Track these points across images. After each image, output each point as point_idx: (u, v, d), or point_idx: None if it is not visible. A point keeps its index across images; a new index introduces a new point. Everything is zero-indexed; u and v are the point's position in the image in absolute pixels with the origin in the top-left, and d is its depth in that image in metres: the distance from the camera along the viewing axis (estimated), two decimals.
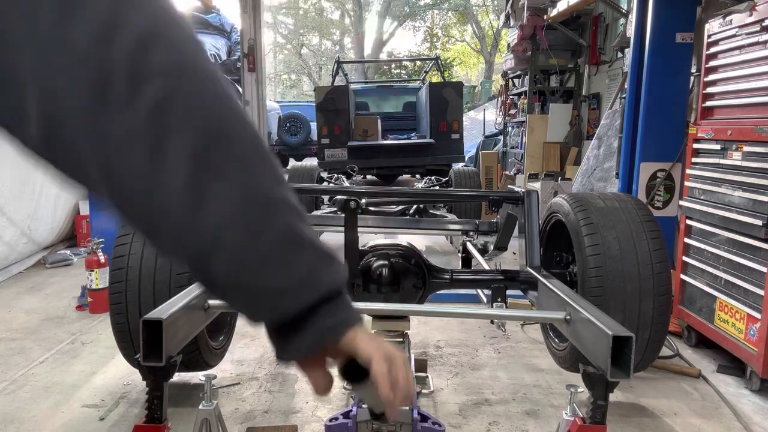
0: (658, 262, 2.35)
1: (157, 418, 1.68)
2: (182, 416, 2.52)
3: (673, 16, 3.88)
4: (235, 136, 0.62)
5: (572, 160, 8.50)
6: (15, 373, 3.01)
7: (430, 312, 2.63)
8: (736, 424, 2.60)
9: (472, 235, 3.97)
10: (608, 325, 1.62)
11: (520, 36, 9.05)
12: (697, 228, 3.40)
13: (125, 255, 2.30)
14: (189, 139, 0.58)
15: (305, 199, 5.84)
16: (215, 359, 2.64)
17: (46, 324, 3.77)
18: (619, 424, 2.55)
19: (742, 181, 3.01)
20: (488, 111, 14.45)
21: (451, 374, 3.05)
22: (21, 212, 5.08)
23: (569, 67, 9.35)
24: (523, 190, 3.00)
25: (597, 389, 1.62)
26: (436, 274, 2.60)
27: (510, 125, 11.30)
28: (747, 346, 2.90)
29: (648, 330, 2.32)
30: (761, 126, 2.88)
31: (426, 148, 9.11)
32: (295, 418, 2.57)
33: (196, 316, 1.97)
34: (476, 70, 32.46)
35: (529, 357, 3.30)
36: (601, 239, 2.39)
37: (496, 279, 2.63)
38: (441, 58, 12.37)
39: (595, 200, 2.57)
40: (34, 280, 4.88)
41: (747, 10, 3.05)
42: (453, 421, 2.55)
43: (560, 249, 2.90)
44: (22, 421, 2.53)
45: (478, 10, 29.45)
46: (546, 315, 2.23)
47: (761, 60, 2.95)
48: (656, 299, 2.31)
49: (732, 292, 3.05)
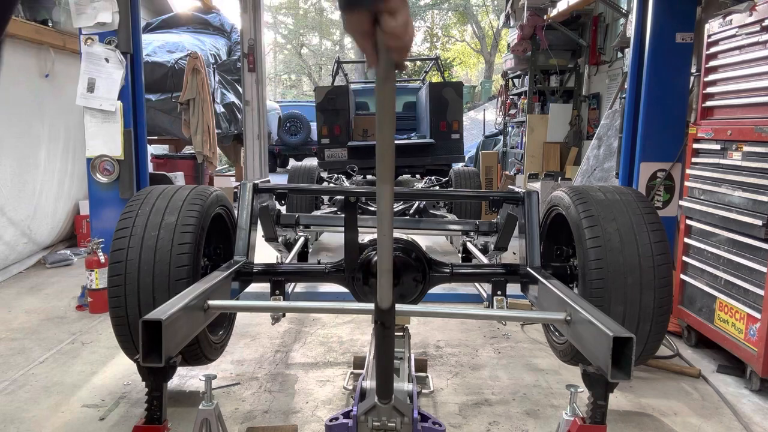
0: (659, 254, 2.33)
1: (156, 418, 1.68)
2: (182, 416, 2.52)
3: (673, 16, 3.87)
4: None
5: (572, 160, 8.51)
6: (15, 373, 3.01)
7: (430, 312, 2.63)
8: (736, 424, 2.60)
9: (472, 235, 3.97)
10: (609, 325, 1.62)
11: (520, 36, 9.05)
12: (697, 228, 3.41)
13: (124, 248, 2.30)
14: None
15: (305, 199, 5.85)
16: (215, 353, 2.64)
17: (46, 324, 3.77)
18: (619, 424, 2.55)
19: (742, 181, 3.01)
20: (488, 111, 14.45)
21: (451, 374, 3.05)
22: (21, 212, 5.08)
23: (569, 67, 9.36)
24: (523, 191, 3.01)
25: (597, 389, 1.62)
26: (436, 267, 2.60)
27: (510, 125, 11.30)
28: (747, 346, 2.90)
29: (649, 323, 2.32)
30: (761, 126, 2.88)
31: (426, 148, 9.10)
32: (295, 418, 2.57)
33: (196, 316, 1.97)
34: (476, 70, 32.46)
35: (529, 357, 3.30)
36: (601, 231, 2.38)
37: (497, 272, 2.62)
38: (441, 58, 12.35)
39: (595, 193, 2.56)
40: (34, 280, 4.88)
41: (747, 10, 3.05)
42: (453, 421, 2.55)
43: (561, 243, 2.90)
44: (22, 421, 2.53)
45: (478, 10, 29.44)
46: (546, 315, 2.24)
47: (761, 60, 2.95)
48: (657, 291, 2.30)
49: (732, 292, 3.05)
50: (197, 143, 7.33)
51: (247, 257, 2.69)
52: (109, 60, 4.07)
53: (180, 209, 2.40)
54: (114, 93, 4.10)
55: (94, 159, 4.18)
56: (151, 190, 2.55)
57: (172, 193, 2.50)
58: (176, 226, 2.34)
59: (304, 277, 2.96)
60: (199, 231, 2.41)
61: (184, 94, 7.24)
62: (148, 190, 2.56)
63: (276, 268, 2.75)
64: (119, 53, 4.08)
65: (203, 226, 2.46)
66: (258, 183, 3.02)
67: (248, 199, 2.87)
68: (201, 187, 2.62)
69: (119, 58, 4.08)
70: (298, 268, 3.00)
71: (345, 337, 3.55)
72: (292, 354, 3.30)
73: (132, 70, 4.17)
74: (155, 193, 2.50)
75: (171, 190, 2.53)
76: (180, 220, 2.37)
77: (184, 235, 2.34)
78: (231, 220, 2.87)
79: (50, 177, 5.52)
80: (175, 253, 2.29)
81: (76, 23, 4.03)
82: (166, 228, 2.34)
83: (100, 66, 4.07)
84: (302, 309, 2.91)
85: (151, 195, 2.49)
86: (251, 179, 3.09)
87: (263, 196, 3.13)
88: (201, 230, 2.43)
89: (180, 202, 2.43)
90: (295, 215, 3.92)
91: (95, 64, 4.06)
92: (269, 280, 2.63)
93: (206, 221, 2.50)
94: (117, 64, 4.08)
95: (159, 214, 2.38)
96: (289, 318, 3.81)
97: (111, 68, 4.08)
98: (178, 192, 2.51)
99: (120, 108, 4.13)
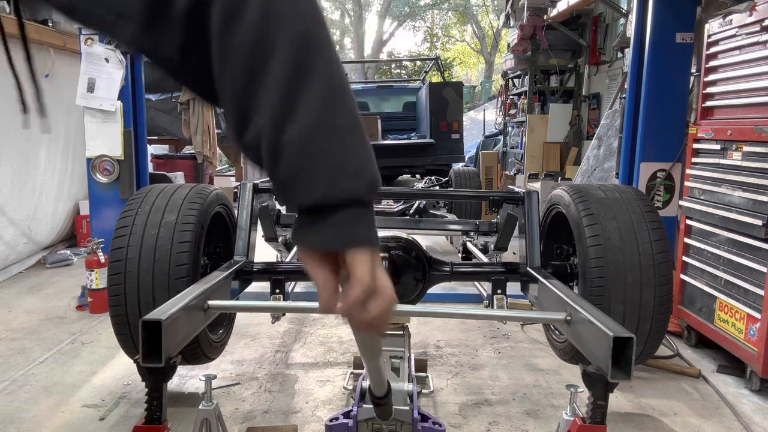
0: (659, 252, 2.33)
1: (156, 418, 1.67)
2: (182, 416, 2.52)
3: (673, 16, 3.87)
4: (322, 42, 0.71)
5: (572, 160, 8.50)
6: (15, 373, 3.01)
7: (430, 312, 2.63)
8: (736, 424, 2.60)
9: (472, 235, 3.97)
10: (609, 325, 1.62)
11: (520, 36, 9.05)
12: (697, 228, 3.40)
13: (124, 247, 2.30)
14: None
15: None
16: (215, 352, 2.64)
17: (46, 324, 3.77)
18: (619, 424, 2.55)
19: (742, 181, 3.00)
20: (488, 111, 14.45)
21: (451, 374, 3.05)
22: (21, 212, 5.08)
23: (569, 67, 9.36)
24: (523, 191, 3.00)
25: (597, 389, 1.62)
26: (436, 266, 2.60)
27: (510, 125, 11.30)
28: (747, 346, 2.90)
29: (649, 321, 2.31)
30: (761, 126, 2.88)
31: (426, 148, 9.10)
32: (295, 418, 2.57)
33: (196, 316, 1.96)
34: (476, 70, 32.45)
35: (529, 357, 3.30)
36: (601, 230, 2.38)
37: (497, 271, 2.62)
38: (441, 58, 12.36)
39: (595, 191, 2.56)
40: (34, 280, 4.88)
41: (747, 10, 3.05)
42: (453, 421, 2.55)
43: (561, 241, 2.89)
44: (22, 421, 2.52)
45: (478, 10, 29.43)
46: (546, 316, 2.23)
47: (761, 60, 2.95)
48: (657, 289, 2.30)
49: (732, 292, 3.05)
50: (197, 143, 7.33)
51: (247, 257, 2.68)
52: (109, 60, 4.07)
53: (180, 208, 2.40)
54: (114, 93, 4.10)
55: (94, 159, 4.18)
56: (151, 188, 2.55)
57: (172, 191, 2.50)
58: (176, 225, 2.34)
59: (304, 276, 2.95)
60: (199, 230, 2.41)
61: (184, 94, 7.24)
62: (148, 188, 2.56)
63: (276, 266, 2.75)
64: (119, 53, 4.08)
65: (203, 224, 2.45)
66: (258, 183, 3.02)
67: (248, 199, 2.87)
68: (201, 186, 2.62)
69: (119, 58, 4.08)
70: (298, 267, 3.00)
71: (345, 337, 3.55)
72: (292, 354, 3.30)
73: (132, 70, 4.17)
74: (155, 191, 2.50)
75: (171, 189, 2.53)
76: (180, 218, 2.37)
77: (184, 233, 2.34)
78: (231, 219, 2.87)
79: (50, 177, 5.52)
80: (175, 251, 2.29)
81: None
82: (165, 226, 2.34)
83: (100, 66, 4.07)
84: (302, 309, 2.90)
85: (151, 193, 2.49)
86: (251, 179, 3.09)
87: (263, 195, 3.13)
88: (201, 229, 2.43)
89: (180, 201, 2.43)
90: (295, 215, 3.92)
91: (95, 64, 4.06)
92: (269, 278, 2.62)
93: (206, 220, 2.50)
94: (117, 64, 4.08)
95: (159, 212, 2.38)
96: (289, 318, 3.81)
97: (111, 68, 4.08)
98: (178, 190, 2.51)
99: (120, 108, 4.13)
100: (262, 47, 0.68)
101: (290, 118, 0.68)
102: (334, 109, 0.69)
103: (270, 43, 0.68)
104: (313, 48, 0.69)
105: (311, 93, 0.68)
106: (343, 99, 0.71)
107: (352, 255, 0.71)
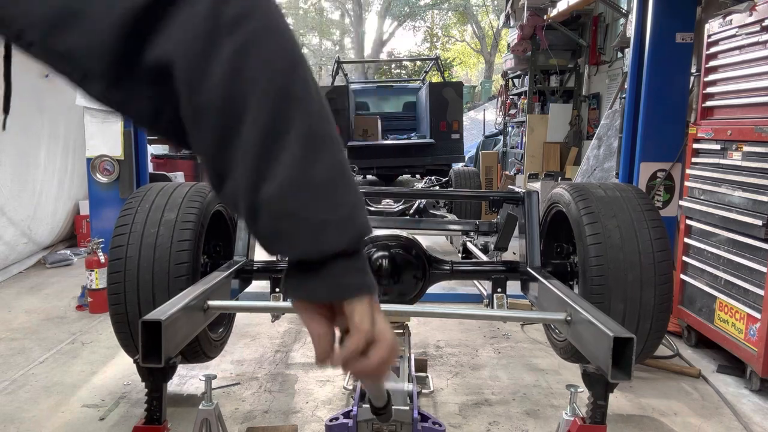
0: (659, 251, 2.33)
1: (156, 419, 1.67)
2: (182, 416, 2.52)
3: (673, 16, 3.87)
4: (304, 95, 0.67)
5: (572, 160, 8.50)
6: (15, 373, 3.01)
7: (430, 312, 2.63)
8: (736, 424, 2.59)
9: (472, 235, 3.97)
10: (609, 325, 1.61)
11: (520, 36, 9.05)
12: (697, 228, 3.40)
13: (123, 245, 2.30)
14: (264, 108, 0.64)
15: None
16: (215, 351, 2.64)
17: (46, 324, 3.77)
18: (619, 424, 2.55)
19: (742, 181, 3.00)
20: (488, 111, 14.44)
21: (451, 374, 3.05)
22: (21, 212, 5.08)
23: (569, 67, 9.36)
24: (523, 191, 3.00)
25: (597, 389, 1.62)
26: (436, 265, 2.60)
27: (510, 125, 11.30)
28: (747, 346, 2.90)
29: (649, 320, 2.31)
30: (761, 126, 2.88)
31: (426, 148, 9.11)
32: (295, 418, 2.57)
33: (196, 317, 1.96)
34: (476, 70, 32.44)
35: (529, 357, 3.30)
36: (602, 228, 2.37)
37: (497, 269, 2.62)
38: (441, 58, 12.36)
39: (595, 190, 2.56)
40: (34, 280, 4.88)
41: (747, 10, 3.05)
42: (453, 421, 2.55)
43: (561, 240, 2.89)
44: (22, 421, 2.52)
45: (478, 10, 29.43)
46: (546, 316, 2.23)
47: (761, 60, 2.95)
48: (657, 288, 2.30)
49: (732, 292, 3.05)
50: None
51: (247, 256, 2.68)
52: None
53: (180, 206, 2.40)
54: None
55: (94, 159, 4.18)
56: (151, 187, 2.54)
57: (172, 190, 2.50)
58: (176, 223, 2.34)
59: None
60: (199, 228, 2.41)
61: None
62: (148, 187, 2.56)
63: (276, 265, 2.75)
64: None
65: (203, 223, 2.45)
66: None
67: None
68: (201, 184, 2.62)
69: None
70: None
71: None
72: (292, 354, 3.30)
73: None
74: (155, 189, 2.50)
75: (170, 187, 2.53)
76: (180, 217, 2.36)
77: (184, 232, 2.33)
78: (231, 218, 2.87)
79: (50, 177, 5.52)
80: (175, 250, 2.29)
81: None
82: (165, 225, 2.33)
83: None
84: None
85: (151, 192, 2.49)
86: None
87: None
88: (201, 227, 2.43)
89: (180, 199, 2.43)
90: None
91: None
92: (269, 277, 2.62)
93: (206, 218, 2.49)
94: None
95: (158, 211, 2.38)
96: (289, 318, 3.80)
97: None
98: (178, 189, 2.51)
99: None
100: (233, 106, 0.64)
101: (266, 176, 0.64)
102: (313, 163, 0.65)
103: (241, 101, 0.63)
104: (290, 101, 0.65)
105: (288, 150, 0.64)
106: (324, 149, 0.67)
107: (349, 305, 0.70)
